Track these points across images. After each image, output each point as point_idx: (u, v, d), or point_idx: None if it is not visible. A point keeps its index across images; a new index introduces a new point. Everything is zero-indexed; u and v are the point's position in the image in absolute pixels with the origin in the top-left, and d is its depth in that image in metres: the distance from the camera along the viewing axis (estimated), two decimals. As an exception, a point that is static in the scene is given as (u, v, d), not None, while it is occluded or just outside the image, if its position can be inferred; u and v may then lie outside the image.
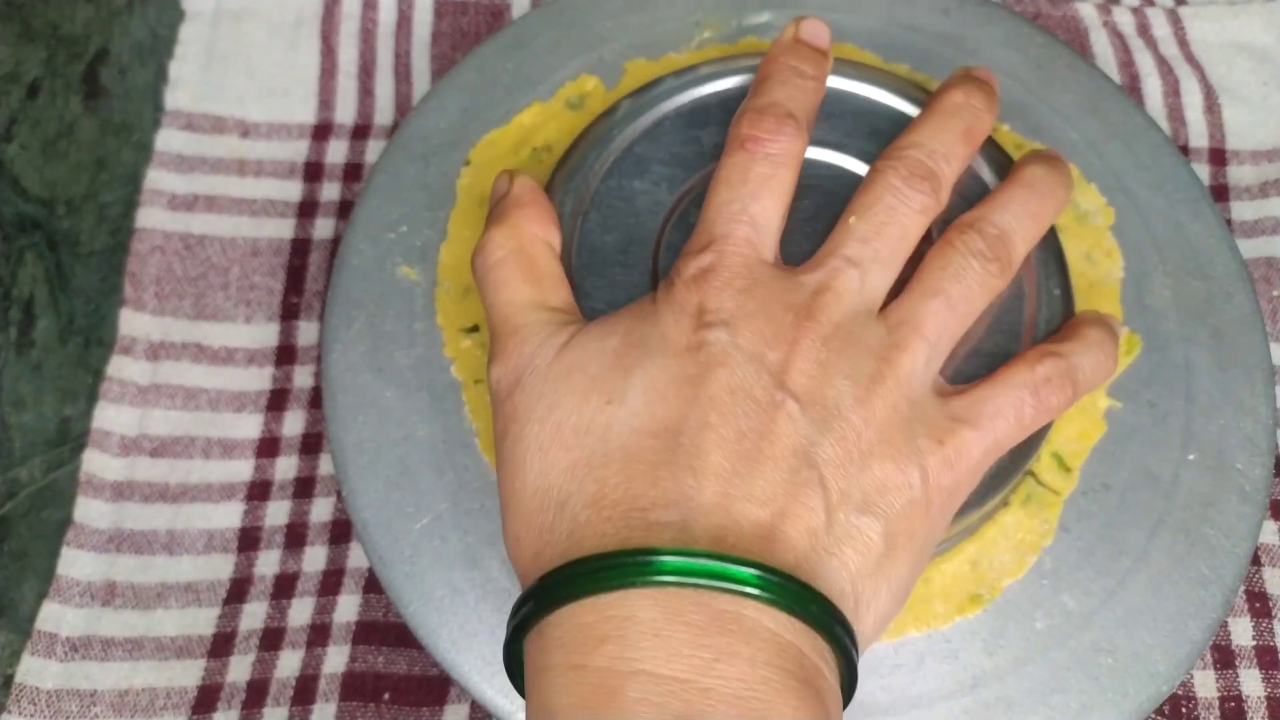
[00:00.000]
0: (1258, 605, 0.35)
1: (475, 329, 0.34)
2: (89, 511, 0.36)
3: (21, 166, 0.42)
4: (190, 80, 0.43)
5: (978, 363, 0.31)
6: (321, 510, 0.36)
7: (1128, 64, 0.43)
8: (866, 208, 0.29)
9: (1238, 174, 0.42)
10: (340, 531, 0.36)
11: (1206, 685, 0.34)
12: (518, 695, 0.30)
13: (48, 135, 0.42)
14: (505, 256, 0.29)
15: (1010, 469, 0.30)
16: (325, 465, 0.37)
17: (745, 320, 0.26)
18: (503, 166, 0.37)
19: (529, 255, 0.29)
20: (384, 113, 0.43)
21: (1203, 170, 0.41)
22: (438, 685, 0.33)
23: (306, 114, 0.42)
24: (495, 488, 0.32)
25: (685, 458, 0.24)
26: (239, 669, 0.34)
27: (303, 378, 0.38)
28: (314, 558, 0.35)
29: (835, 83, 0.35)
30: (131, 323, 0.38)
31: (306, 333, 0.39)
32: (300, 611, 0.34)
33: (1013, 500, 0.32)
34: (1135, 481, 0.33)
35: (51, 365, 0.38)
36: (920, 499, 0.26)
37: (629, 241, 0.32)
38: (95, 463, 0.36)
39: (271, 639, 0.34)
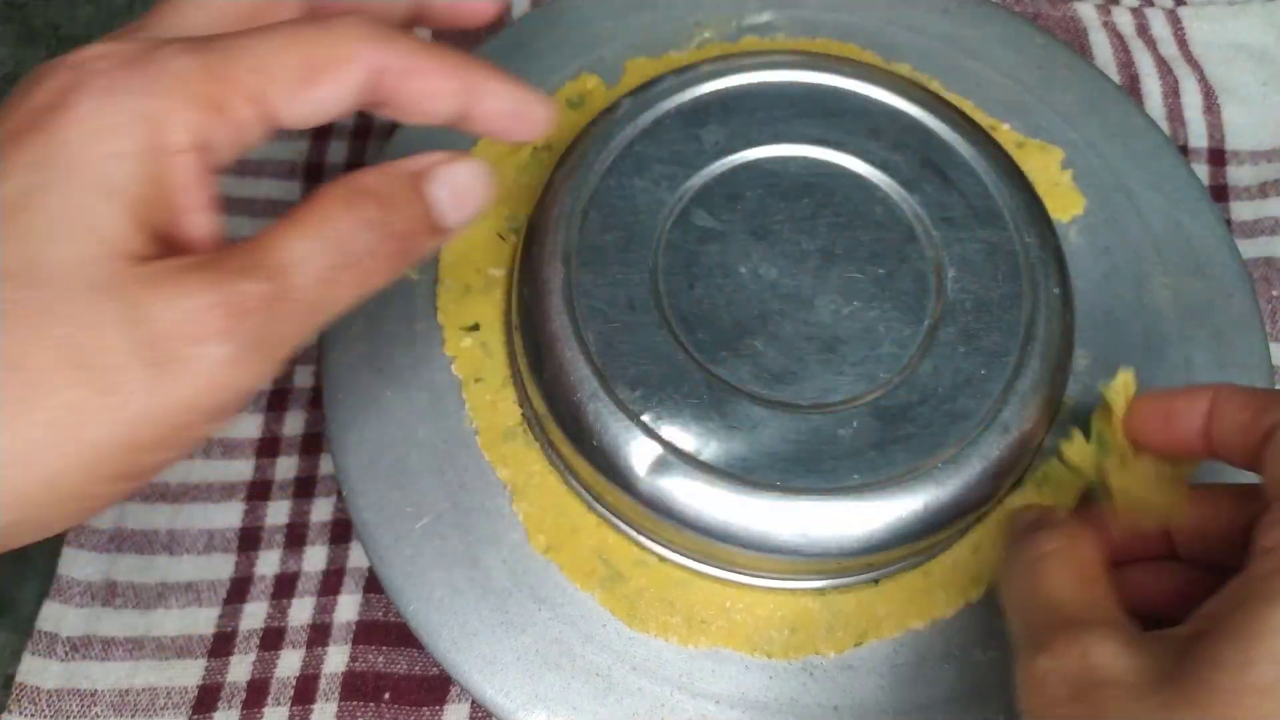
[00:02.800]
0: (1258, 605, 0.35)
1: (475, 328, 0.34)
2: (89, 511, 0.36)
3: (22, 166, 0.42)
4: (191, 80, 0.42)
5: (978, 360, 0.31)
6: (322, 510, 0.36)
7: (1127, 64, 0.43)
8: None
9: (1237, 174, 0.42)
10: (340, 531, 0.36)
11: (1207, 685, 0.34)
12: (516, 695, 0.30)
13: (48, 135, 0.42)
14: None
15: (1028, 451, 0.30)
16: (325, 465, 0.37)
17: None
18: (503, 165, 0.37)
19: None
20: (384, 113, 0.43)
21: (1202, 170, 0.42)
22: (438, 685, 0.33)
23: (307, 114, 0.42)
24: (495, 487, 0.32)
25: None
26: (239, 668, 0.34)
27: (303, 377, 0.38)
28: (314, 557, 0.35)
29: (835, 82, 0.35)
30: (132, 322, 0.38)
31: (307, 332, 0.39)
32: (300, 611, 0.34)
33: (1028, 481, 0.32)
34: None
35: (52, 365, 0.38)
36: None
37: (629, 240, 0.32)
38: (95, 462, 0.36)
39: (272, 638, 0.34)
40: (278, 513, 0.36)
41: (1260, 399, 0.26)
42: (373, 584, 0.35)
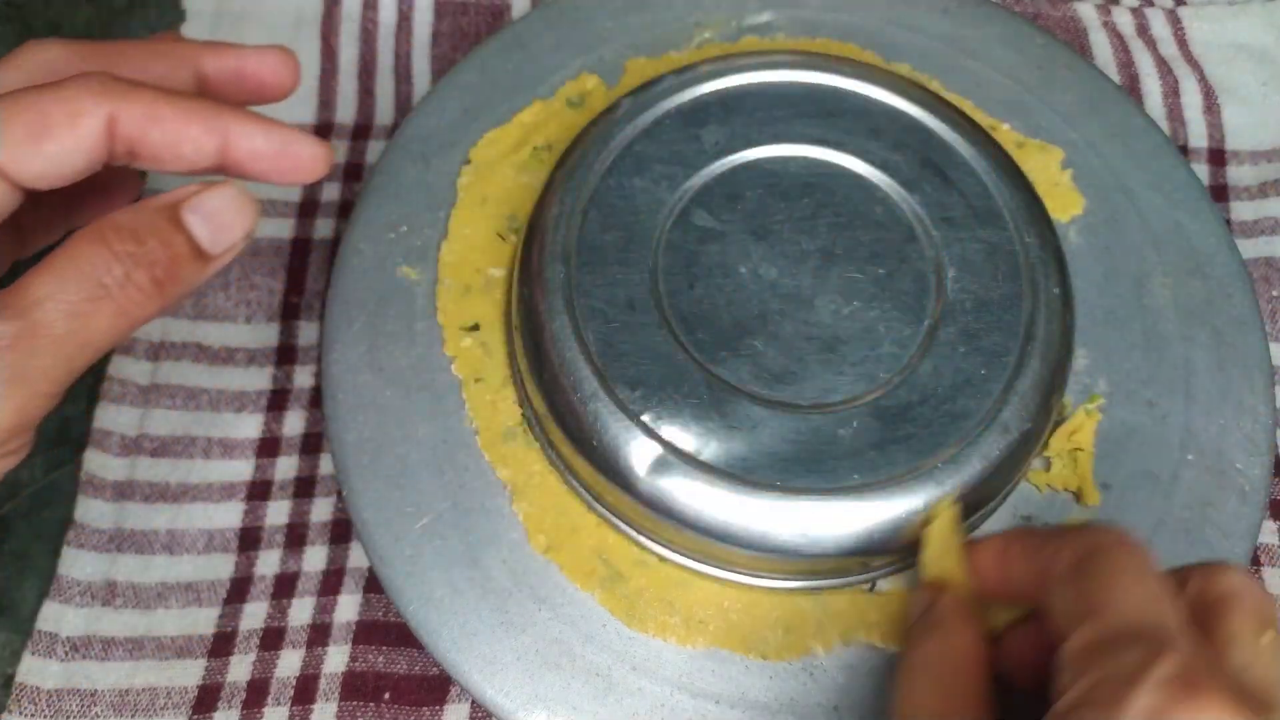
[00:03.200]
0: (1258, 605, 0.35)
1: (475, 328, 0.34)
2: (89, 511, 0.36)
3: (22, 166, 0.42)
4: (190, 80, 0.43)
5: (978, 360, 0.31)
6: (322, 510, 0.36)
7: (1127, 64, 0.43)
8: None
9: (1237, 174, 0.42)
10: (340, 531, 0.36)
11: (1206, 685, 0.34)
12: (516, 695, 0.30)
13: (48, 135, 0.42)
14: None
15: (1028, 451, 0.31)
16: (325, 465, 0.37)
17: None
18: (503, 165, 0.37)
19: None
20: (384, 113, 0.43)
21: (1202, 170, 0.42)
22: (438, 685, 0.33)
23: (306, 114, 0.42)
24: (495, 487, 0.32)
25: None
26: (239, 669, 0.34)
27: (303, 377, 0.38)
28: (314, 557, 0.35)
29: (835, 82, 0.35)
30: (132, 322, 0.38)
31: (307, 333, 0.39)
32: (300, 611, 0.34)
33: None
34: (1135, 481, 0.33)
35: (52, 365, 0.38)
36: None
37: (629, 240, 0.32)
38: (96, 462, 0.36)
39: (272, 638, 0.34)
40: (278, 513, 0.36)
41: (1037, 540, 0.27)
42: (373, 584, 0.35)
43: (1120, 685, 0.22)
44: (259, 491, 0.36)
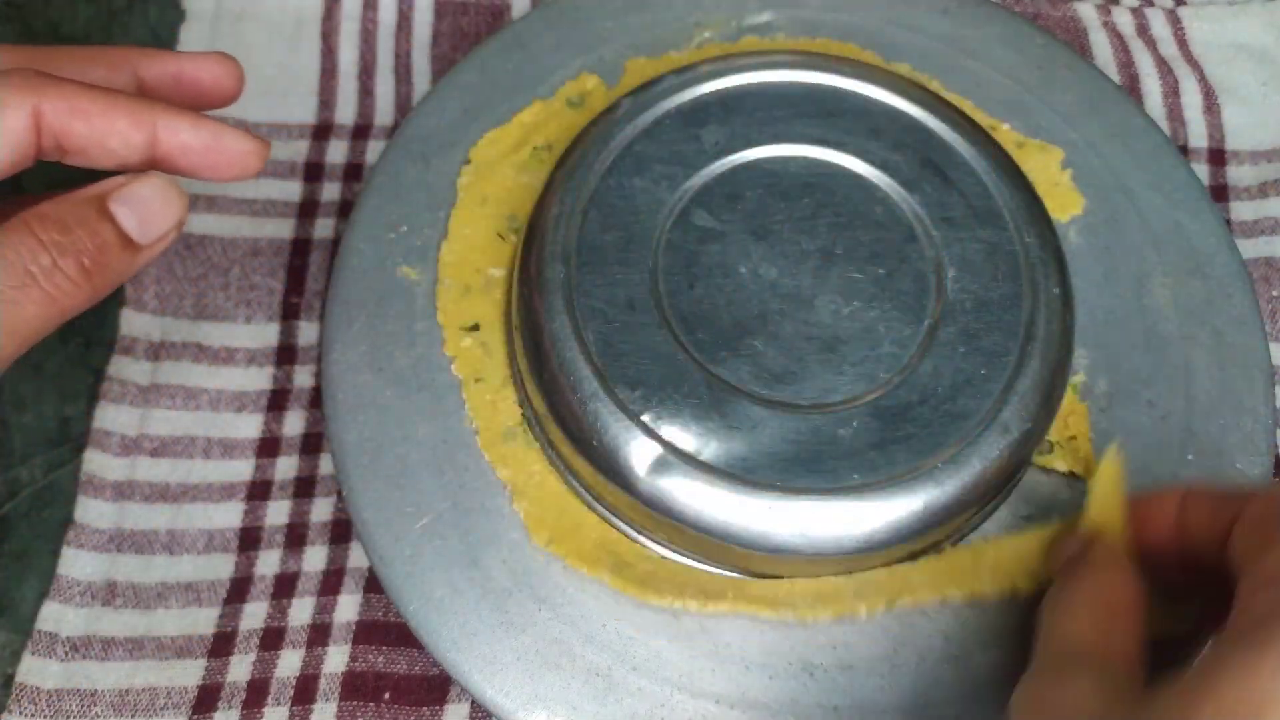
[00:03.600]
0: (1258, 605, 0.35)
1: (475, 328, 0.34)
2: (89, 511, 0.36)
3: (22, 166, 0.42)
4: (190, 80, 0.43)
5: (978, 360, 0.31)
6: (322, 510, 0.36)
7: (1127, 64, 0.43)
8: None
9: (1237, 174, 0.42)
10: (340, 531, 0.36)
11: (1206, 685, 0.34)
12: (516, 695, 0.30)
13: (48, 135, 0.42)
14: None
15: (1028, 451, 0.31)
16: (325, 465, 0.37)
17: None
18: (503, 165, 0.37)
19: None
20: (384, 113, 0.43)
21: (1202, 170, 0.42)
22: (438, 685, 0.33)
23: (307, 114, 0.42)
24: (495, 487, 0.32)
25: None
26: (239, 669, 0.34)
27: (303, 377, 0.38)
28: (314, 557, 0.35)
29: (835, 82, 0.35)
30: (132, 323, 0.38)
31: (307, 333, 0.39)
32: (300, 611, 0.34)
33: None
34: (1135, 481, 0.33)
35: (52, 365, 0.38)
36: None
37: (629, 240, 0.32)
38: (96, 462, 0.36)
39: (272, 639, 0.34)
40: (278, 513, 0.36)
41: (1220, 496, 0.28)
42: (373, 584, 0.35)
43: None
44: (259, 491, 0.36)
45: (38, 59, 0.29)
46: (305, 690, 0.33)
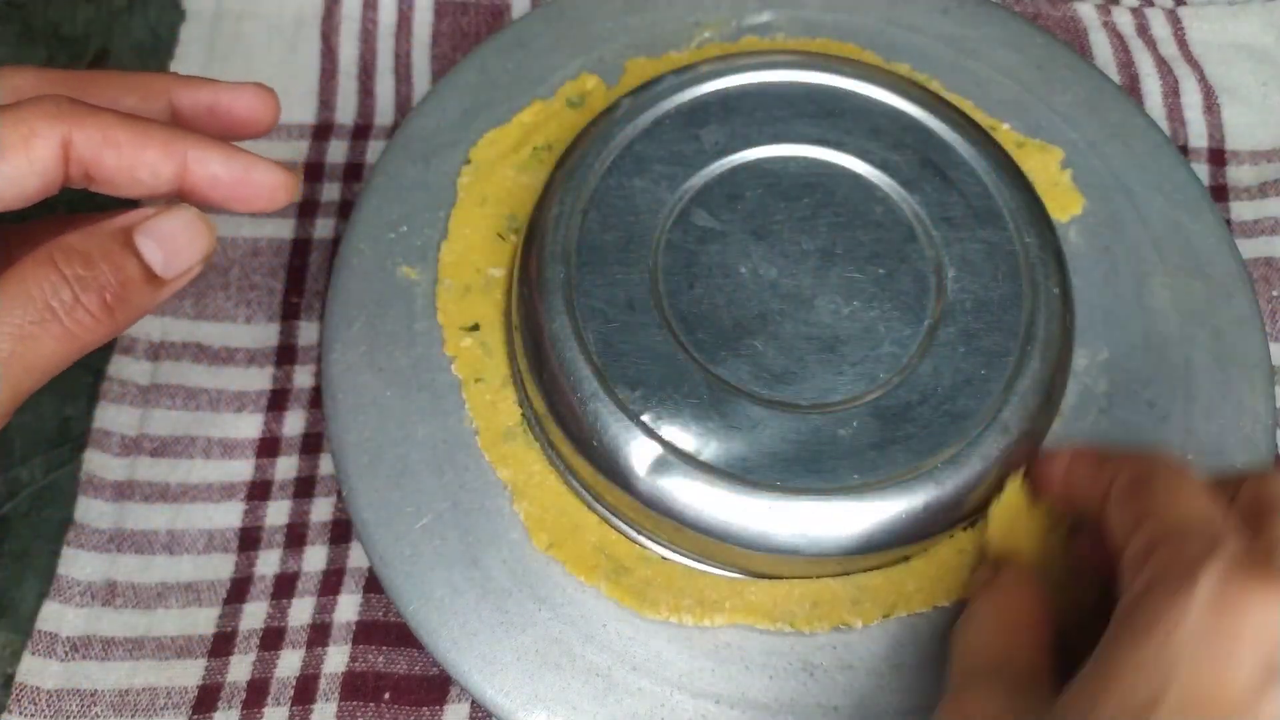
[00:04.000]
0: (1258, 605, 0.35)
1: (475, 328, 0.34)
2: (89, 511, 0.36)
3: (22, 166, 0.42)
4: (190, 80, 0.43)
5: (978, 360, 0.31)
6: (322, 510, 0.36)
7: (1127, 64, 0.43)
8: None
9: (1237, 174, 0.42)
10: (340, 531, 0.36)
11: (1206, 685, 0.34)
12: (516, 695, 0.30)
13: (48, 135, 0.42)
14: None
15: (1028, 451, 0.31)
16: (325, 465, 0.37)
17: None
18: (503, 165, 0.37)
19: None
20: (384, 113, 0.43)
21: (1202, 170, 0.42)
22: (438, 684, 0.33)
23: (307, 114, 0.42)
24: (495, 487, 0.32)
25: None
26: (239, 669, 0.34)
27: (303, 377, 0.38)
28: (314, 557, 0.35)
29: (835, 82, 0.35)
30: (132, 323, 0.38)
31: (307, 332, 0.39)
32: (300, 611, 0.34)
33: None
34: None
35: (52, 365, 0.38)
36: None
37: (629, 240, 0.32)
38: (95, 462, 0.36)
39: (272, 639, 0.34)
40: (278, 513, 0.36)
41: (1098, 459, 0.29)
42: (373, 584, 0.35)
43: (1185, 569, 0.23)
44: (259, 491, 0.36)
45: (72, 84, 0.29)
46: (305, 690, 0.33)
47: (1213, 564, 0.23)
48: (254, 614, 0.35)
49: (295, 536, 0.36)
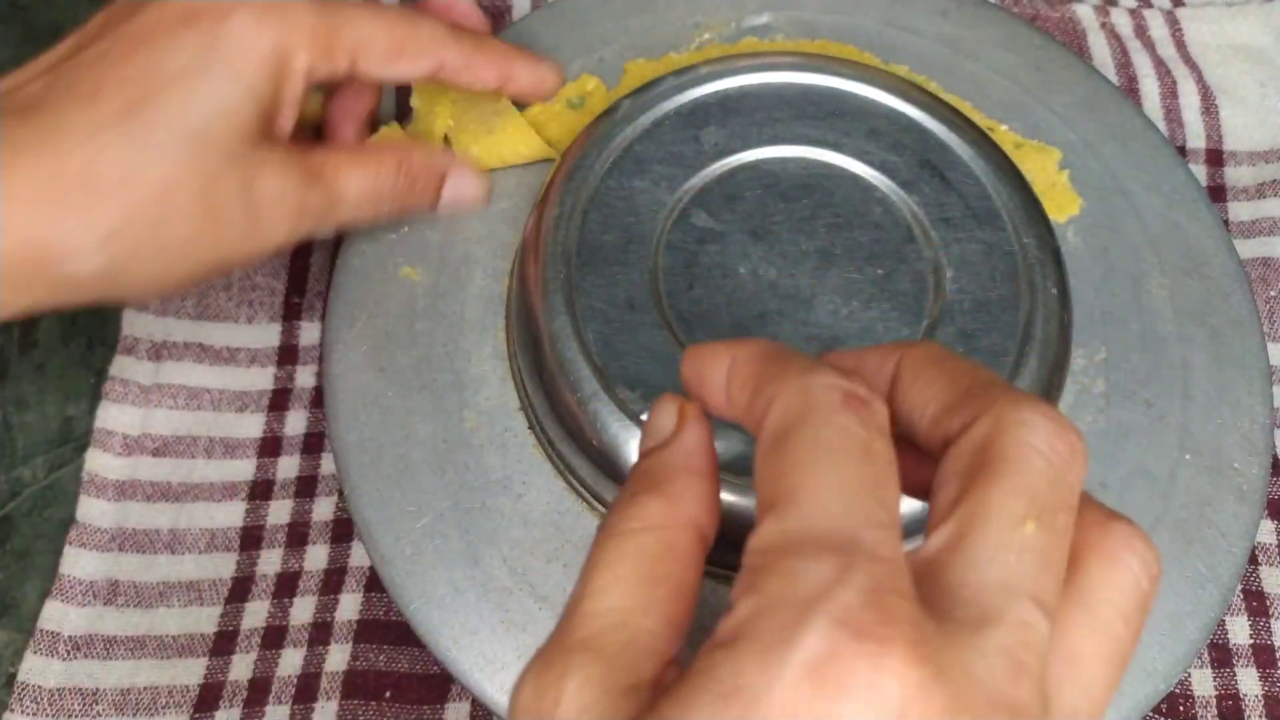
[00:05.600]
0: (1255, 604, 0.35)
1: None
2: (91, 511, 0.36)
3: (24, 167, 0.42)
4: (192, 81, 0.43)
5: (977, 360, 0.31)
6: (323, 509, 0.36)
7: (1125, 65, 0.44)
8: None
9: (1235, 175, 0.42)
10: (342, 530, 0.36)
11: (1204, 684, 0.34)
12: (518, 693, 0.30)
13: (50, 136, 0.42)
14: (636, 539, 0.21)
15: None
16: (327, 464, 0.37)
17: None
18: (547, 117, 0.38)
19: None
20: (385, 114, 0.43)
21: (1200, 171, 0.42)
22: (439, 683, 0.33)
23: (308, 115, 0.43)
24: (495, 486, 0.32)
25: None
26: (241, 667, 0.34)
27: (304, 377, 0.38)
28: (316, 556, 0.35)
29: (835, 83, 0.35)
30: (134, 323, 0.38)
31: (308, 333, 0.39)
32: (302, 610, 0.35)
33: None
34: (1132, 481, 0.33)
35: (54, 365, 0.39)
36: None
37: (629, 240, 0.32)
38: (98, 462, 0.36)
39: (273, 637, 0.34)
40: (279, 512, 0.36)
41: (763, 370, 0.21)
42: (374, 583, 0.35)
43: (790, 618, 0.17)
44: (261, 491, 0.37)
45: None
46: (306, 689, 0.33)
47: (820, 615, 0.17)
48: (255, 613, 0.35)
49: (297, 536, 0.36)
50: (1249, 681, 0.34)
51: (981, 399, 0.20)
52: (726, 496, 0.29)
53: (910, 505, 0.23)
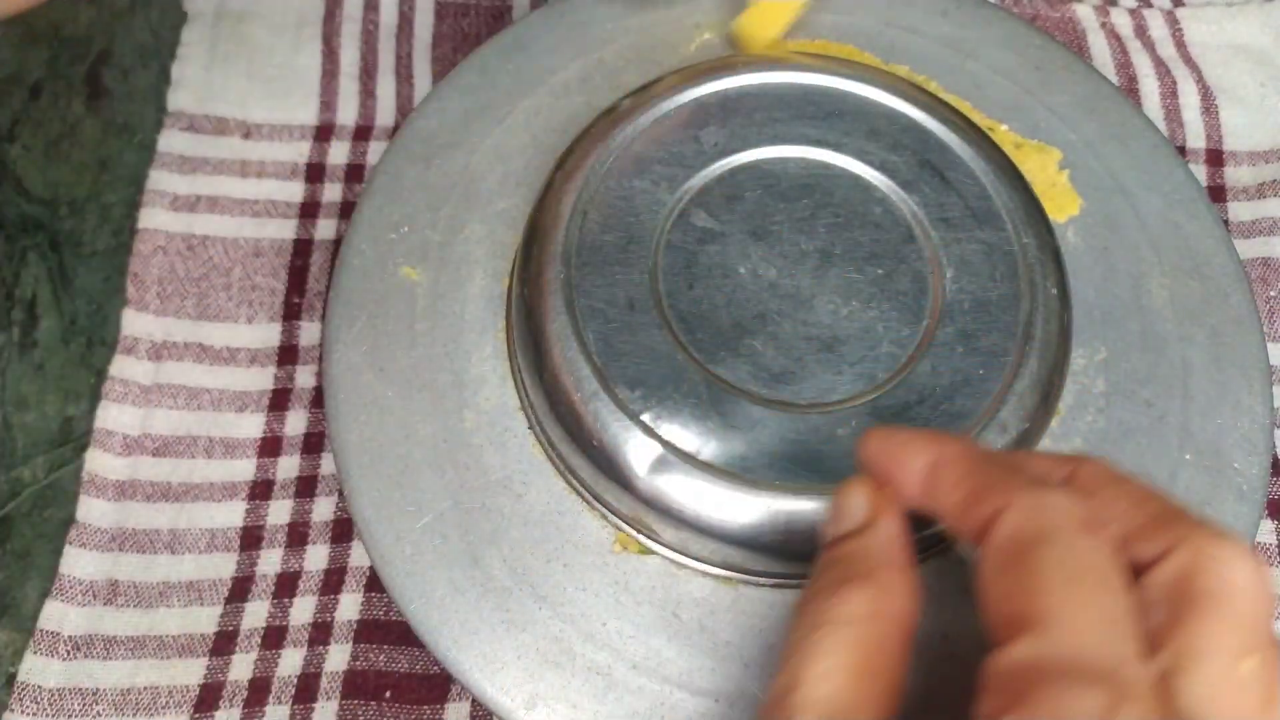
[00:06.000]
0: (1255, 604, 0.35)
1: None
2: (91, 511, 0.36)
3: (24, 167, 0.42)
4: (192, 81, 0.43)
5: (977, 360, 0.31)
6: (323, 509, 0.36)
7: (1125, 65, 0.44)
8: None
9: (1235, 175, 0.42)
10: (342, 530, 0.36)
11: (1204, 683, 0.34)
12: (516, 693, 0.30)
13: (50, 136, 0.42)
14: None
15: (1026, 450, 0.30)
16: (327, 464, 0.37)
17: None
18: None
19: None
20: (385, 114, 0.43)
21: (1200, 171, 0.42)
22: (439, 683, 0.34)
23: (308, 115, 0.43)
24: (495, 486, 0.32)
25: None
26: (241, 667, 0.34)
27: (304, 377, 0.38)
28: (316, 556, 0.35)
29: (835, 83, 0.35)
30: (134, 323, 0.38)
31: (308, 333, 0.39)
32: (302, 610, 0.35)
33: None
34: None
35: (54, 365, 0.39)
36: None
37: (628, 241, 0.32)
38: (98, 462, 0.36)
39: (273, 637, 0.34)
40: (279, 512, 0.36)
41: (981, 470, 0.22)
42: (374, 583, 0.35)
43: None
44: (261, 491, 0.37)
45: None
46: (306, 689, 0.33)
47: None
48: (255, 613, 0.35)
49: (297, 536, 0.36)
50: (1249, 681, 0.34)
51: (1175, 528, 0.20)
52: (727, 493, 0.29)
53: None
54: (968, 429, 0.30)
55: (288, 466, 0.37)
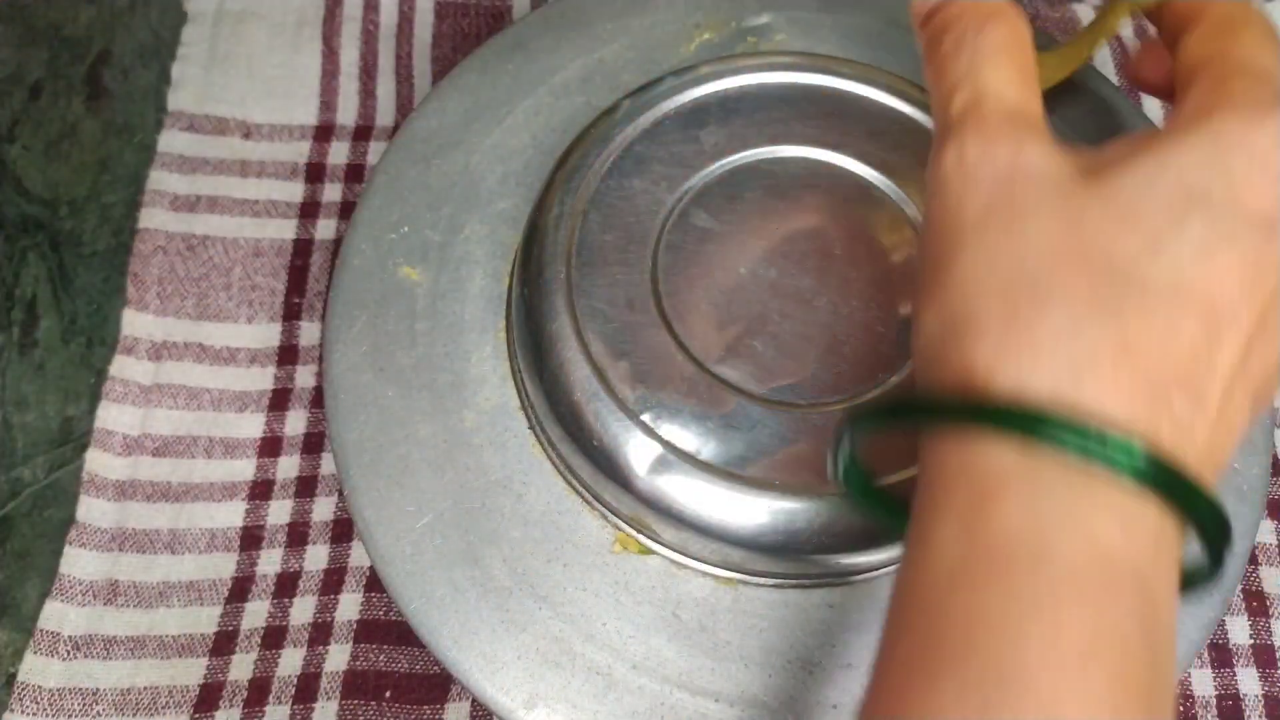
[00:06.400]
0: (1255, 604, 0.35)
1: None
2: (91, 511, 0.36)
3: (24, 167, 0.42)
4: (192, 81, 0.43)
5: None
6: (323, 509, 0.36)
7: (1126, 65, 0.44)
8: None
9: (1235, 175, 0.42)
10: (342, 530, 0.36)
11: (1204, 684, 0.34)
12: (516, 693, 0.30)
13: (50, 136, 0.42)
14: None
15: None
16: (327, 464, 0.37)
17: None
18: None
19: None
20: (385, 114, 0.43)
21: (1200, 171, 0.42)
22: (439, 683, 0.34)
23: (308, 115, 0.43)
24: (495, 486, 0.32)
25: None
26: (241, 667, 0.34)
27: (304, 377, 0.38)
28: (316, 556, 0.36)
29: (835, 83, 0.35)
30: (134, 323, 0.38)
31: (308, 333, 0.39)
32: (302, 610, 0.35)
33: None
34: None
35: (54, 365, 0.39)
36: None
37: (628, 240, 0.32)
38: (98, 462, 0.36)
39: (273, 637, 0.34)
40: (279, 512, 0.36)
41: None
42: (374, 583, 0.35)
43: (1260, 101, 0.22)
44: (261, 491, 0.37)
45: None
46: (306, 689, 0.33)
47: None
48: (255, 613, 0.35)
49: (297, 536, 0.36)
50: (1249, 682, 0.34)
51: None
52: (727, 492, 0.29)
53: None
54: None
55: (288, 466, 0.37)
